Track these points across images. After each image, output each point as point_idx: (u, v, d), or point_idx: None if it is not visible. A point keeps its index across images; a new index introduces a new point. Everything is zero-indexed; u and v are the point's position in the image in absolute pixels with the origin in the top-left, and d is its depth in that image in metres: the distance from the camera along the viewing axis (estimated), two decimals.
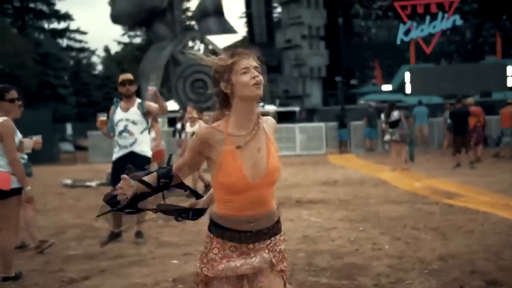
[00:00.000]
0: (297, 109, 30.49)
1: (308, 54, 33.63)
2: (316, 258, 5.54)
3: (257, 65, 2.39)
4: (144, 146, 6.61)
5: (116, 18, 34.01)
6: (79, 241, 6.84)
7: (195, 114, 10.21)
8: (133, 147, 6.52)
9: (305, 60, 33.29)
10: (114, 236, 6.63)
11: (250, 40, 38.31)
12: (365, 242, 6.17)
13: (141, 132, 6.58)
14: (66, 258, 5.94)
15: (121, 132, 6.54)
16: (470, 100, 17.54)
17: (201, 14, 35.88)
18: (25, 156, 5.63)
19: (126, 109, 6.59)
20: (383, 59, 39.72)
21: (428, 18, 38.39)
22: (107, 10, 46.23)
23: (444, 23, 38.45)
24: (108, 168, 8.65)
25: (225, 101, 2.42)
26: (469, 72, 34.06)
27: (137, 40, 56.83)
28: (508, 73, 33.80)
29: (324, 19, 34.54)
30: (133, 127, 6.53)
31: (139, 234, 6.61)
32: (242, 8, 39.09)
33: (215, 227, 2.44)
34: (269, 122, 2.49)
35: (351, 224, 7.24)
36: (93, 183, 13.18)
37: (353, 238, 6.35)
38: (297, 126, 25.41)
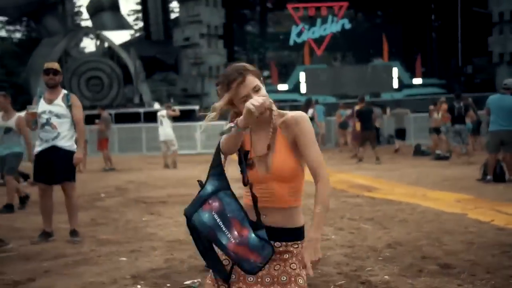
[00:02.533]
0: (196, 107, 30.34)
1: (206, 52, 33.58)
2: None
3: (255, 84, 2.36)
4: (68, 140, 6.22)
5: (0, 9, 31.99)
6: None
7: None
8: (55, 141, 6.12)
9: (204, 59, 33.22)
10: (46, 235, 6.22)
11: (146, 38, 37.54)
12: None
13: (65, 126, 6.18)
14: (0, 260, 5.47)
15: (43, 125, 6.12)
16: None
17: (95, 9, 34.66)
18: None
19: (49, 101, 6.18)
20: (279, 59, 40.63)
21: (319, 20, 39.82)
22: None
23: (334, 26, 40.10)
24: None
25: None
26: (359, 74, 35.75)
27: (17, 35, 53.44)
28: (393, 75, 35.82)
29: (222, 18, 34.65)
30: (56, 120, 6.13)
31: (74, 233, 6.24)
32: (137, 2, 38.00)
33: None
34: (290, 124, 2.40)
35: None
36: None
37: None
38: (197, 124, 25.29)
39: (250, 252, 2.21)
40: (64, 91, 6.27)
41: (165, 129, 15.49)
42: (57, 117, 6.09)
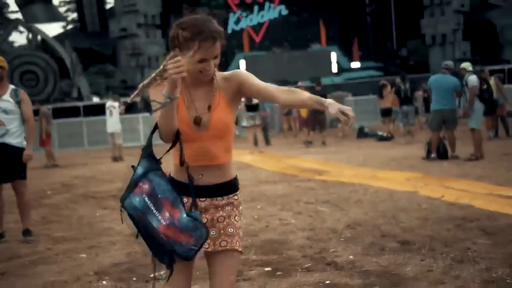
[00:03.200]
0: (137, 99, 29.83)
1: (145, 43, 33.01)
2: None
3: (218, 52, 2.35)
4: (17, 137, 5.98)
5: None
6: None
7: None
8: (4, 138, 5.88)
9: (142, 49, 32.65)
10: None
11: (81, 30, 36.48)
12: (270, 219, 6.27)
13: (14, 122, 5.94)
14: None
15: None
16: (300, 84, 18.71)
17: (25, 0, 33.40)
18: None
19: None
20: None
21: (256, 8, 39.85)
22: None
23: (271, 12, 40.25)
24: None
25: None
26: (298, 59, 36.01)
27: None
28: (332, 59, 36.32)
29: (159, 7, 34.10)
30: (4, 117, 5.88)
31: (27, 232, 6.01)
32: None
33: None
34: (232, 78, 2.44)
35: (246, 204, 7.29)
36: None
37: (257, 216, 6.42)
38: (140, 116, 24.94)
39: (181, 234, 2.16)
40: (12, 86, 6.02)
41: (114, 120, 15.24)
42: (5, 113, 5.84)
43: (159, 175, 2.23)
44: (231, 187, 2.45)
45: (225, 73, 2.46)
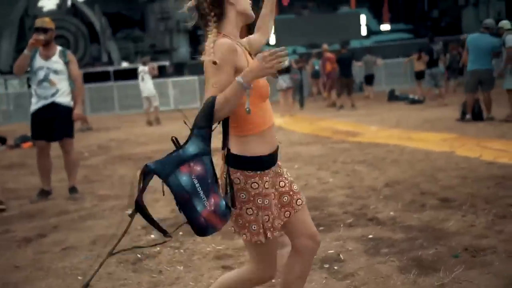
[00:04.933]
0: (167, 63, 29.95)
1: (173, 7, 32.87)
2: None
3: None
4: (66, 96, 6.17)
5: None
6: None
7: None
8: (54, 97, 6.06)
9: (170, 13, 32.55)
10: (45, 193, 6.21)
11: None
12: (309, 177, 6.36)
13: (64, 82, 6.13)
14: (3, 219, 5.45)
15: (40, 81, 6.04)
16: (325, 46, 18.63)
17: None
18: None
19: (46, 57, 6.09)
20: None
21: None
22: None
23: None
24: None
25: (221, 15, 2.29)
26: (327, 22, 35.51)
27: None
28: (361, 22, 35.75)
29: None
30: (54, 77, 6.05)
31: (74, 190, 6.24)
32: None
33: (252, 164, 2.25)
34: (250, 41, 2.52)
35: (283, 164, 7.37)
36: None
37: (295, 175, 6.50)
38: (170, 80, 25.04)
39: (219, 220, 2.13)
40: (59, 48, 6.17)
41: (147, 85, 15.41)
42: (55, 73, 6.01)
43: (211, 160, 2.12)
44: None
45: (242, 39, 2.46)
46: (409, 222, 4.38)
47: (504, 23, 10.13)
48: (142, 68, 15.56)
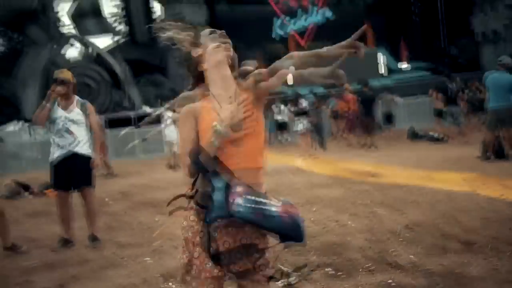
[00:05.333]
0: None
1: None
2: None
3: (232, 56, 2.48)
4: (85, 146, 6.28)
5: None
6: (24, 252, 6.33)
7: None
8: (73, 147, 6.17)
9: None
10: (66, 242, 6.25)
11: (132, 41, 37.28)
12: (327, 221, 6.32)
13: (83, 132, 6.25)
14: (24, 269, 5.48)
15: (59, 131, 6.16)
16: (347, 86, 18.67)
17: (78, 14, 34.43)
18: None
19: (65, 107, 6.23)
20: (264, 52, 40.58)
21: (299, 11, 39.89)
22: None
23: (314, 16, 40.21)
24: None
25: (199, 76, 2.50)
26: (345, 62, 35.61)
27: None
28: (379, 61, 35.94)
29: (205, 16, 34.55)
30: (73, 127, 6.18)
31: (94, 238, 6.27)
32: (118, 5, 37.66)
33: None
34: (247, 85, 2.52)
35: (302, 207, 7.35)
36: None
37: (313, 219, 6.46)
38: None
39: (290, 206, 2.24)
40: (78, 98, 6.31)
41: (170, 129, 15.65)
42: (74, 123, 6.14)
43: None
44: None
45: (242, 82, 2.57)
46: (430, 266, 4.31)
47: None
48: (168, 114, 15.74)
